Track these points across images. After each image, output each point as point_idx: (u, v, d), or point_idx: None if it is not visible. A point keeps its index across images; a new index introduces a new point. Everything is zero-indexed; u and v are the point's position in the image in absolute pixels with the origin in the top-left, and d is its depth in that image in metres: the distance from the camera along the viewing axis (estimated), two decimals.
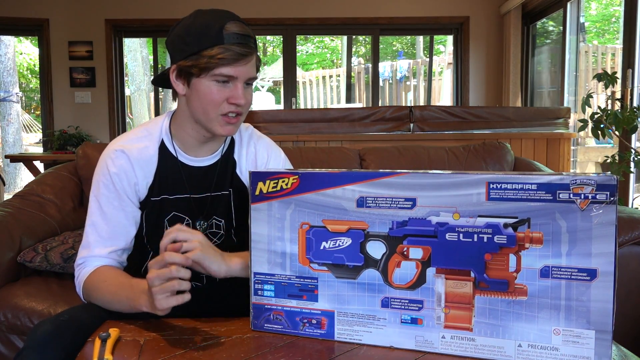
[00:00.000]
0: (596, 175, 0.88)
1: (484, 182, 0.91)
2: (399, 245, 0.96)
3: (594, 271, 0.88)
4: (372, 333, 0.99)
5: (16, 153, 6.87)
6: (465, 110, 3.44)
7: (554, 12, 5.12)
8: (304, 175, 1.00)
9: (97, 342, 0.93)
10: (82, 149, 2.18)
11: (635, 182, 3.76)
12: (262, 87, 10.42)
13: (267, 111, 4.55)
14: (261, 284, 1.04)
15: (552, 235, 0.89)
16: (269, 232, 1.03)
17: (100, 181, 1.20)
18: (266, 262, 1.03)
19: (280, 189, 1.01)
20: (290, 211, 1.01)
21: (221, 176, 1.26)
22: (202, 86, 1.12)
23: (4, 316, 1.54)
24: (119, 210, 1.19)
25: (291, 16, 5.95)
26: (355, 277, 0.99)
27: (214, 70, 1.09)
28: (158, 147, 1.22)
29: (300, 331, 1.02)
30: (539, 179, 0.89)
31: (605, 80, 2.81)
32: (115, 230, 1.19)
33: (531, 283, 0.90)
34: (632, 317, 1.64)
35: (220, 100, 1.12)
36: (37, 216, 1.89)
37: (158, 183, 1.21)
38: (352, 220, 0.98)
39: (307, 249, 1.01)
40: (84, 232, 1.21)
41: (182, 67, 1.13)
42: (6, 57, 8.05)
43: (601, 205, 0.86)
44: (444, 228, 0.93)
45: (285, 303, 1.03)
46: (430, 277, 0.95)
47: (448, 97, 7.53)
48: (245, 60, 1.11)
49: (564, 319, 0.89)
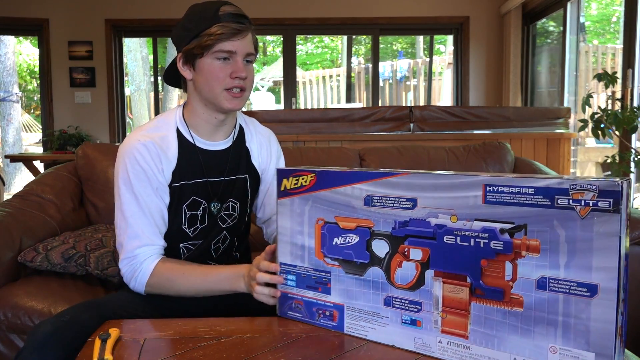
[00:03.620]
0: (598, 179, 0.79)
1: (480, 185, 0.88)
2: (401, 245, 0.96)
3: (594, 287, 0.79)
4: (376, 330, 1.00)
5: (16, 153, 6.87)
6: (465, 110, 3.44)
7: (554, 12, 5.12)
8: (320, 173, 1.04)
9: (97, 342, 0.93)
10: (82, 149, 2.18)
11: (635, 182, 3.76)
12: (262, 87, 10.41)
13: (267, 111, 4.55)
14: (285, 273, 1.10)
15: (550, 244, 0.82)
16: (291, 226, 1.08)
17: (129, 172, 1.22)
18: (289, 254, 1.09)
19: (300, 185, 1.07)
20: (308, 207, 1.06)
21: (235, 160, 1.34)
22: (206, 65, 1.21)
23: (4, 315, 1.54)
24: (154, 198, 1.24)
25: (291, 16, 5.95)
26: (362, 274, 1.01)
27: (215, 47, 1.19)
28: (176, 134, 1.28)
29: (316, 321, 1.07)
30: (536, 182, 0.83)
31: (606, 80, 2.81)
32: (156, 217, 1.24)
33: (527, 294, 0.85)
34: (632, 317, 1.64)
35: (224, 75, 1.21)
36: (37, 216, 1.89)
37: (179, 169, 1.27)
38: (360, 218, 1.00)
39: (322, 244, 1.05)
40: (124, 225, 1.22)
41: (186, 51, 1.22)
42: (6, 57, 8.05)
43: (603, 214, 0.78)
44: (442, 230, 0.92)
45: (304, 293, 1.08)
46: (428, 280, 0.94)
47: (448, 97, 7.53)
48: (241, 35, 1.20)
49: (561, 336, 0.82)
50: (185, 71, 1.25)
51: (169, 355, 0.93)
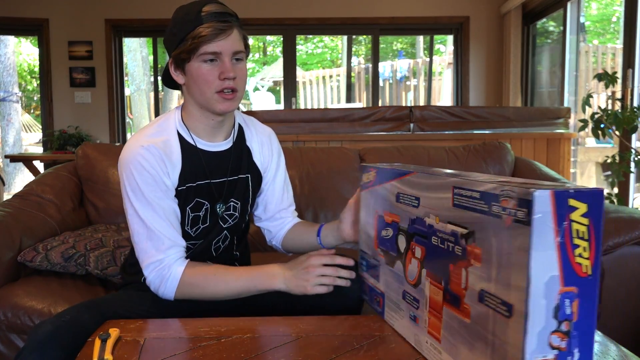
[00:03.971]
0: (522, 185, 0.70)
1: (450, 187, 0.84)
2: (411, 241, 0.99)
3: (510, 306, 0.70)
4: (398, 322, 1.04)
5: (16, 153, 6.87)
6: (465, 110, 3.44)
7: (554, 12, 5.12)
8: (378, 170, 1.12)
9: (97, 342, 0.93)
10: (81, 149, 2.18)
11: (636, 182, 3.76)
12: (262, 87, 10.41)
13: (267, 111, 4.55)
14: (363, 259, 1.22)
15: (487, 254, 0.75)
16: (365, 218, 1.19)
17: (137, 179, 1.20)
18: (365, 242, 1.20)
19: (368, 181, 1.17)
20: (373, 200, 1.15)
21: (236, 161, 1.34)
22: (194, 69, 1.19)
23: (4, 315, 1.54)
24: (167, 201, 1.23)
25: (291, 16, 5.94)
26: (392, 266, 1.06)
27: (199, 50, 1.17)
28: (177, 138, 1.27)
29: (373, 304, 1.17)
30: (481, 186, 0.76)
31: (606, 80, 2.81)
32: (171, 218, 1.23)
33: (473, 305, 0.78)
34: (632, 317, 1.64)
35: (212, 78, 1.19)
36: (37, 216, 1.89)
37: (184, 172, 1.26)
38: (394, 214, 1.05)
39: (377, 235, 1.13)
40: (143, 231, 1.20)
41: (175, 56, 1.21)
42: (6, 57, 8.05)
43: (520, 226, 0.68)
44: (431, 230, 0.91)
45: (369, 279, 1.19)
46: (423, 278, 0.95)
47: (448, 97, 7.52)
48: (225, 34, 1.17)
49: (489, 356, 0.74)
50: (177, 76, 1.24)
51: (169, 355, 0.93)
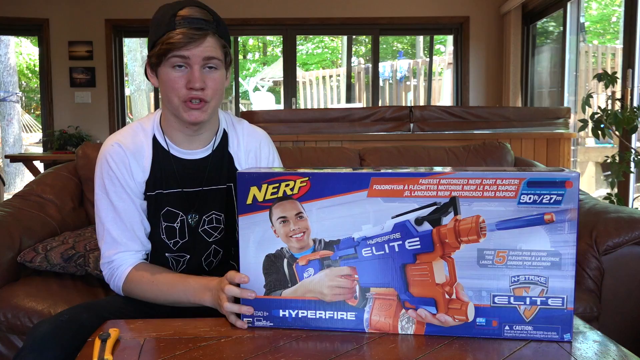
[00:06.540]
0: None
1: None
2: None
3: None
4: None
5: (16, 153, 6.87)
6: (465, 110, 3.44)
7: (554, 12, 5.12)
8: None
9: (97, 342, 0.93)
10: (82, 149, 2.18)
11: (636, 182, 3.76)
12: (262, 87, 10.41)
13: (267, 111, 4.55)
14: None
15: None
16: None
17: (104, 177, 1.20)
18: None
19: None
20: None
21: (215, 170, 1.27)
22: (163, 74, 1.15)
23: (3, 316, 1.54)
24: (129, 203, 1.21)
25: (291, 16, 5.94)
26: None
27: (168, 55, 1.11)
28: (151, 141, 1.24)
29: None
30: None
31: (606, 80, 2.81)
32: (132, 222, 1.21)
33: None
34: (632, 317, 1.64)
35: (179, 86, 1.13)
36: (37, 216, 1.89)
37: (153, 177, 1.23)
38: None
39: None
40: (101, 230, 1.21)
41: (148, 59, 1.18)
42: (6, 57, 8.04)
43: None
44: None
45: None
46: None
47: (448, 97, 7.52)
48: (196, 42, 1.10)
49: None
50: (152, 78, 1.20)
51: (169, 355, 0.93)
